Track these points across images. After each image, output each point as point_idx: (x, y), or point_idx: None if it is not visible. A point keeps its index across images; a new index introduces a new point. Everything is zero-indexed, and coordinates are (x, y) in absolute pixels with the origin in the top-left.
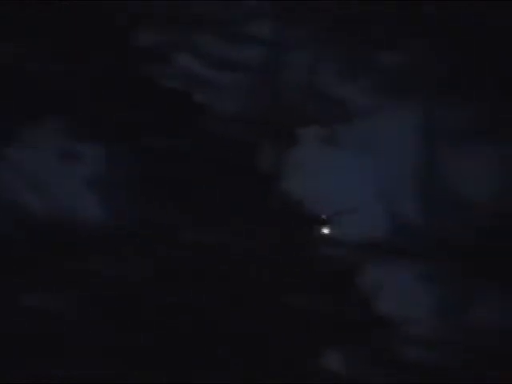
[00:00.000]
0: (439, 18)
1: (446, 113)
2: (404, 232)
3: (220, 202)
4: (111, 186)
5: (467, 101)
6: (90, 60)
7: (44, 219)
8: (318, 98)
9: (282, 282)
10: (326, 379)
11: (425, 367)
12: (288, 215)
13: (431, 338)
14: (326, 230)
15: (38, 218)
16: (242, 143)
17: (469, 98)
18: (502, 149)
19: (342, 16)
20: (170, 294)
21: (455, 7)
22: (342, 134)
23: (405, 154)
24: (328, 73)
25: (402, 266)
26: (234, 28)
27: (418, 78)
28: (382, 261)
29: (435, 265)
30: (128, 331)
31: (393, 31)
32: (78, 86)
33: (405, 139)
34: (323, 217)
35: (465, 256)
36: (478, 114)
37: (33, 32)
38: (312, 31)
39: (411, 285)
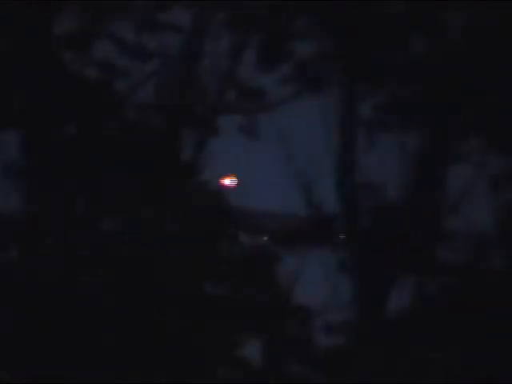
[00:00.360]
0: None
1: (364, 104)
2: (322, 221)
3: (137, 191)
4: (22, 174)
5: (385, 92)
6: (5, 47)
7: None
8: (237, 87)
9: (200, 271)
10: (243, 368)
11: (341, 354)
12: (206, 204)
13: (348, 326)
14: (243, 220)
15: None
16: (159, 132)
17: (386, 88)
18: (417, 138)
19: (261, 4)
20: (82, 284)
21: None
22: (260, 124)
23: (323, 143)
24: (246, 62)
25: (320, 255)
26: (153, 16)
27: (335, 67)
28: (300, 250)
29: (353, 254)
30: (38, 323)
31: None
32: None
33: (323, 129)
34: (242, 206)
35: (381, 246)
36: (394, 104)
37: None
38: (231, 19)
39: (329, 273)
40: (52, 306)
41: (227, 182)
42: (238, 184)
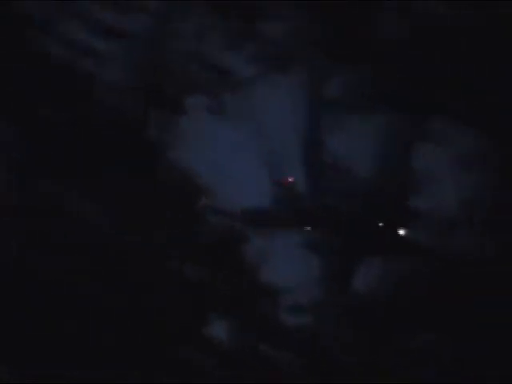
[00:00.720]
0: None
1: (332, 83)
2: (289, 201)
3: (105, 171)
4: None
5: (353, 71)
6: None
7: None
8: (204, 66)
9: (167, 251)
10: (211, 348)
11: (306, 334)
12: (173, 185)
13: (313, 306)
14: (210, 200)
15: None
16: (127, 112)
17: (354, 69)
18: (388, 119)
19: None
20: (49, 268)
21: None
22: (227, 104)
23: (290, 123)
24: (214, 42)
25: (287, 234)
26: None
27: (303, 48)
28: (266, 230)
29: (319, 234)
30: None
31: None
32: None
33: (291, 109)
34: (208, 186)
35: (348, 227)
36: (363, 85)
37: None
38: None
39: (295, 254)
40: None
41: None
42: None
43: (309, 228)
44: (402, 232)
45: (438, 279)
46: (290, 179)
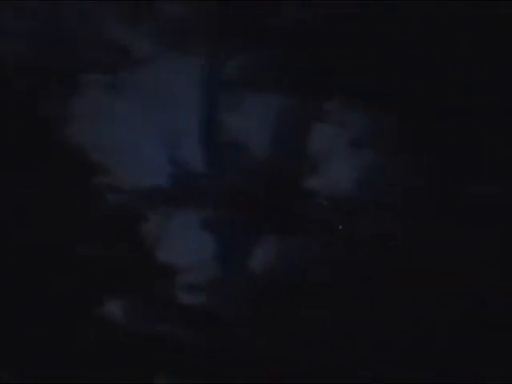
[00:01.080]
0: None
1: (231, 63)
2: (187, 180)
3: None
4: None
5: (252, 52)
6: None
7: None
8: (101, 44)
9: (64, 230)
10: (106, 327)
11: (204, 313)
12: (69, 163)
13: (211, 286)
14: (108, 177)
15: None
16: (23, 89)
17: (253, 50)
18: (287, 100)
19: None
20: None
21: None
22: (124, 81)
23: (189, 102)
24: (111, 19)
25: (185, 213)
26: None
27: (202, 28)
28: (164, 208)
29: (217, 213)
30: None
31: None
32: None
33: (189, 88)
34: (105, 163)
35: (246, 206)
36: (262, 66)
37: None
38: None
39: (193, 233)
40: None
41: None
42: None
43: (207, 207)
44: (296, 211)
45: (334, 258)
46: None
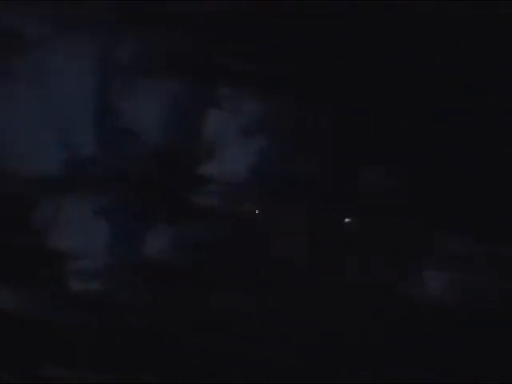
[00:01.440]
0: None
1: (124, 47)
2: (80, 165)
3: None
4: None
5: (146, 36)
6: None
7: None
8: None
9: None
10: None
11: (96, 299)
12: None
13: (104, 272)
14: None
15: None
16: None
17: (147, 34)
18: (180, 86)
19: None
20: None
21: None
22: (15, 67)
23: (82, 88)
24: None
25: (78, 199)
26: None
27: (94, 14)
28: (56, 194)
29: (110, 199)
30: None
31: None
32: None
33: (82, 73)
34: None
35: (139, 192)
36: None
37: None
38: None
39: (86, 218)
40: None
41: None
42: None
43: (100, 193)
44: (191, 197)
45: (229, 243)
46: None
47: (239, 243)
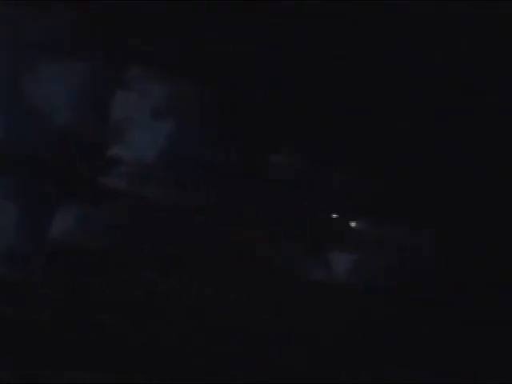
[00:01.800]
0: None
1: (33, 27)
2: None
3: None
4: None
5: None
6: None
7: None
8: None
9: None
10: None
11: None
12: None
13: (14, 255)
14: None
15: None
16: None
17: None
18: (89, 66)
19: None
20: None
21: None
22: None
23: None
24: None
25: None
26: None
27: None
28: None
29: (16, 182)
30: None
31: None
32: None
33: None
34: None
35: (47, 174)
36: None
37: None
38: None
39: None
40: None
41: None
42: None
43: (7, 174)
44: (100, 179)
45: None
46: None
47: (148, 225)
